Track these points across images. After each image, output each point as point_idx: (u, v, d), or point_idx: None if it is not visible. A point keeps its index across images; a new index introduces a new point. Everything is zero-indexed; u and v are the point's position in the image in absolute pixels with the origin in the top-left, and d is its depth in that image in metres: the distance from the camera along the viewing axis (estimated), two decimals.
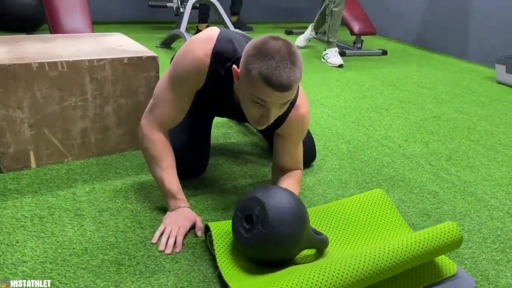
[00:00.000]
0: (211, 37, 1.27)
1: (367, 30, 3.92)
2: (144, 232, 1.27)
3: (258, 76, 1.07)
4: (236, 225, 1.13)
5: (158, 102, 1.33)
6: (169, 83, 1.31)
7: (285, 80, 1.07)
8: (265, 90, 1.08)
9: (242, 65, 1.13)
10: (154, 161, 1.32)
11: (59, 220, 1.29)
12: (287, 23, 5.33)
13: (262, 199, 1.09)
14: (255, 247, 1.08)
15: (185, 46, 1.30)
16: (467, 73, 3.55)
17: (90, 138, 1.65)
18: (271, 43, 1.08)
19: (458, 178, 1.73)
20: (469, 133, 2.22)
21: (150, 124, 1.33)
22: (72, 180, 1.52)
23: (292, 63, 1.08)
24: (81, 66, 1.54)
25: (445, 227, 1.11)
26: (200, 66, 1.25)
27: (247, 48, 1.13)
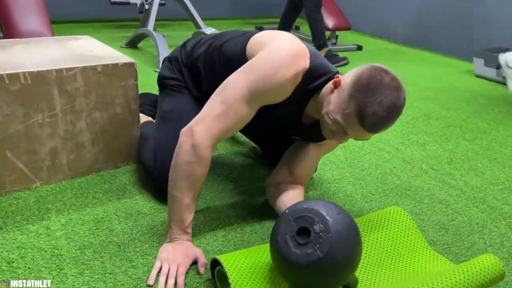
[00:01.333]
0: (304, 50, 1.15)
1: (342, 25, 3.82)
2: (136, 272, 1.09)
3: (357, 111, 1.03)
4: (283, 232, 0.95)
5: (229, 113, 1.10)
6: (248, 94, 1.10)
7: (379, 129, 1.06)
8: (354, 125, 1.05)
9: (349, 87, 1.05)
10: (190, 181, 1.11)
11: (32, 264, 1.09)
12: (256, 18, 5.17)
13: (327, 216, 0.93)
14: (303, 268, 0.92)
15: (276, 56, 1.12)
16: (445, 67, 3.52)
17: (61, 159, 1.43)
18: (390, 91, 1.02)
19: (464, 183, 1.64)
20: (463, 132, 2.14)
21: (210, 135, 1.10)
22: (44, 211, 1.30)
23: (394, 119, 1.05)
24: (48, 77, 1.33)
25: (487, 261, 0.99)
26: (293, 84, 1.12)
27: (363, 74, 1.05)
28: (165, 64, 1.51)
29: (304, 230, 0.94)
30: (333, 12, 3.86)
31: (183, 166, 1.11)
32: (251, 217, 1.34)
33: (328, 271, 0.92)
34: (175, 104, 1.43)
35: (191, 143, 1.10)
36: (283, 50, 1.13)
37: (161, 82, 1.49)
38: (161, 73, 1.49)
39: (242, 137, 1.90)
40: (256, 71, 1.12)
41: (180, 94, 1.43)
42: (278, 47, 1.14)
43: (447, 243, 1.28)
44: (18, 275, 1.05)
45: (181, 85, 1.44)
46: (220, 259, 1.01)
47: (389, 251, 1.17)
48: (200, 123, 1.11)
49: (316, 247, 0.91)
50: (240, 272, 0.99)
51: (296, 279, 0.96)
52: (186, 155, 1.10)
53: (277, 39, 1.19)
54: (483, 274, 0.96)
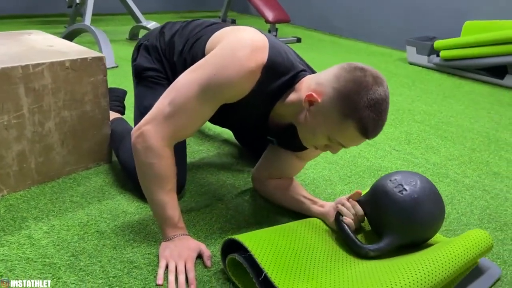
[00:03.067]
0: (262, 44, 1.05)
1: (281, 17, 3.89)
2: (142, 272, 1.04)
3: (358, 127, 0.99)
4: (384, 182, 1.13)
5: (179, 111, 1.04)
6: (200, 92, 1.03)
7: (379, 132, 1.03)
8: (356, 139, 1.02)
9: (336, 104, 0.99)
10: (158, 181, 1.07)
11: (24, 276, 1.00)
12: (191, 12, 5.09)
13: (422, 183, 1.11)
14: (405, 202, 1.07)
15: (230, 52, 1.03)
16: (379, 56, 3.72)
17: (30, 163, 1.32)
18: (379, 90, 0.98)
19: (426, 161, 1.76)
20: (412, 115, 2.30)
21: (161, 135, 1.05)
22: (20, 219, 1.20)
23: (387, 111, 1.02)
24: (13, 74, 1.21)
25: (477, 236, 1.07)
26: (249, 80, 1.03)
27: (346, 86, 0.98)
28: (142, 53, 1.37)
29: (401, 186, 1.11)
30: (273, 5, 3.92)
31: (144, 168, 1.08)
32: (242, 207, 1.34)
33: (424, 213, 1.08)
34: (156, 98, 1.35)
35: (144, 145, 1.06)
36: (239, 43, 1.04)
37: (139, 73, 1.37)
38: (138, 63, 1.37)
39: (213, 130, 1.88)
40: (208, 67, 1.04)
41: (160, 87, 1.32)
42: (234, 40, 1.07)
43: None
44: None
45: (161, 77, 1.34)
46: (239, 239, 0.99)
47: None
48: (148, 123, 1.06)
49: (415, 195, 1.08)
50: (264, 250, 0.99)
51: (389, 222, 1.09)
52: (142, 157, 1.07)
53: (237, 31, 1.13)
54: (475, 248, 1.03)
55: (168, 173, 1.08)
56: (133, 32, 3.58)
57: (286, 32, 4.36)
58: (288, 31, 4.43)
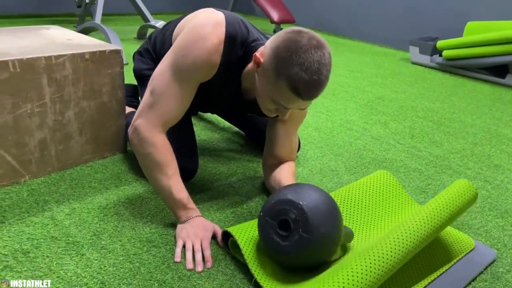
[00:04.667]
0: (220, 18, 1.12)
1: (286, 18, 3.96)
2: (160, 250, 1.10)
3: (288, 85, 0.99)
4: (267, 233, 1.01)
5: (160, 97, 1.12)
6: (173, 75, 1.11)
7: (316, 93, 1.02)
8: (292, 99, 1.02)
9: (271, 63, 1.01)
10: (159, 168, 1.14)
11: (50, 253, 1.06)
12: None
13: (297, 201, 0.98)
14: (296, 254, 0.98)
15: (192, 31, 1.10)
16: (382, 56, 3.78)
17: (50, 150, 1.38)
18: (312, 51, 0.97)
19: (429, 154, 1.82)
20: (415, 111, 2.35)
21: (151, 125, 1.12)
22: (42, 202, 1.26)
23: (326, 77, 1.01)
24: (36, 65, 1.27)
25: (460, 184, 1.14)
26: (215, 54, 1.10)
27: (279, 45, 1.00)
28: (137, 58, 1.53)
29: (283, 222, 0.99)
30: (277, 5, 3.99)
31: (143, 159, 1.15)
32: (253, 193, 1.40)
33: (321, 246, 0.98)
34: None
35: (137, 138, 1.13)
36: (198, 24, 1.12)
37: (139, 75, 1.50)
38: (136, 67, 1.50)
39: (220, 123, 1.94)
40: (176, 51, 1.12)
41: None
42: (194, 23, 1.14)
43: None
44: (38, 263, 1.01)
45: None
46: (230, 231, 1.08)
47: (380, 208, 1.29)
48: (139, 118, 1.14)
49: (300, 231, 0.96)
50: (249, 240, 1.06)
51: (301, 263, 1.01)
52: (140, 149, 1.14)
53: (195, 16, 1.22)
54: (460, 195, 1.09)
55: (166, 158, 1.14)
56: (141, 32, 3.64)
57: None
58: None
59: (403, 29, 4.04)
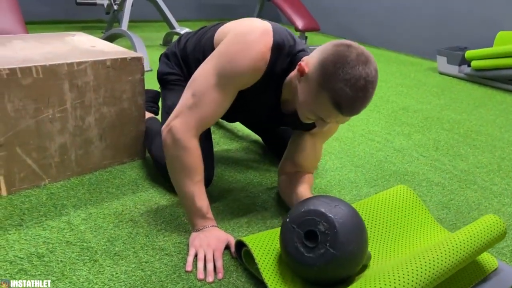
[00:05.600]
0: (267, 27, 1.11)
1: (311, 26, 3.94)
2: (172, 259, 1.10)
3: (331, 99, 0.98)
4: (291, 241, 0.99)
5: (201, 101, 1.10)
6: (217, 80, 1.10)
7: (358, 110, 1.00)
8: (332, 113, 1.01)
9: (316, 75, 1.00)
10: (186, 172, 1.13)
11: (64, 257, 1.07)
12: (222, 20, 5.20)
13: (329, 214, 0.96)
14: (319, 268, 0.95)
15: (239, 38, 1.10)
16: (409, 65, 3.71)
17: (70, 155, 1.41)
18: (359, 68, 0.95)
19: (453, 167, 1.76)
20: (441, 123, 2.29)
21: (187, 127, 1.11)
22: (60, 207, 1.28)
23: (371, 94, 0.99)
24: (59, 71, 1.30)
25: (489, 220, 1.09)
26: (261, 62, 1.09)
27: (327, 57, 0.98)
28: (163, 60, 1.52)
29: (311, 233, 0.96)
30: (303, 13, 3.98)
31: (173, 161, 1.14)
32: (269, 203, 1.38)
33: (346, 263, 0.95)
34: (178, 98, 1.43)
35: (172, 138, 1.12)
36: (246, 30, 1.11)
37: (162, 79, 1.49)
38: (160, 70, 1.50)
39: (239, 131, 1.94)
40: (222, 56, 1.11)
41: (181, 88, 1.40)
42: (241, 28, 1.14)
43: (452, 220, 1.38)
44: (52, 268, 1.03)
45: (180, 79, 1.44)
46: (245, 241, 1.05)
47: (399, 226, 1.25)
48: (176, 117, 1.12)
49: (327, 246, 0.93)
50: (264, 251, 1.04)
51: (320, 279, 0.99)
52: (172, 150, 1.13)
53: (241, 22, 1.20)
54: (487, 231, 1.04)
55: (195, 164, 1.13)
56: (167, 38, 3.69)
57: (315, 40, 4.40)
58: (317, 40, 4.47)
59: (431, 38, 3.96)
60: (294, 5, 4.03)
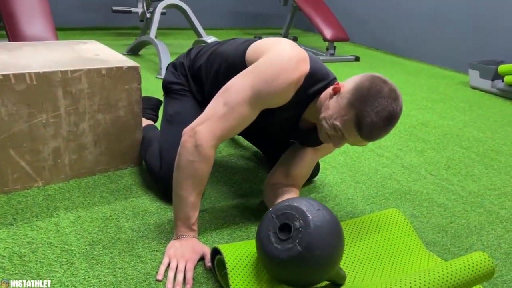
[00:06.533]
0: (304, 55, 1.17)
1: (339, 36, 3.89)
2: (145, 267, 1.11)
3: (355, 119, 1.05)
4: (266, 229, 0.98)
5: (233, 112, 1.12)
6: (250, 96, 1.12)
7: (375, 137, 1.08)
8: (351, 132, 1.07)
9: (349, 94, 1.07)
10: (194, 180, 1.14)
11: (43, 258, 1.11)
12: (255, 29, 5.24)
13: (307, 213, 0.96)
14: (284, 262, 0.94)
15: (278, 61, 1.13)
16: (440, 78, 3.59)
17: (64, 159, 1.45)
18: (388, 101, 1.03)
19: (462, 188, 1.68)
20: (460, 140, 2.19)
21: (212, 135, 1.12)
22: (53, 208, 1.33)
23: (391, 128, 1.07)
24: (53, 78, 1.35)
25: (476, 258, 1.02)
26: (294, 88, 1.14)
27: (364, 82, 1.06)
28: (170, 69, 1.55)
29: (286, 226, 0.97)
30: (332, 23, 3.94)
31: (186, 165, 1.14)
32: (255, 217, 1.37)
33: (308, 265, 0.94)
34: (180, 108, 1.46)
35: (194, 143, 1.12)
36: (285, 54, 1.15)
37: (166, 87, 1.53)
38: (166, 78, 1.53)
39: (244, 142, 1.94)
40: (259, 75, 1.13)
41: (184, 98, 1.46)
42: (280, 52, 1.16)
43: (446, 244, 1.32)
44: (30, 268, 1.07)
45: (185, 89, 1.48)
46: (220, 248, 1.05)
47: (384, 250, 1.21)
48: (203, 123, 1.13)
49: (296, 242, 0.93)
50: (237, 259, 1.03)
51: (278, 274, 0.98)
52: (189, 155, 1.13)
53: (278, 44, 1.21)
54: (471, 269, 0.97)
55: (204, 175, 1.15)
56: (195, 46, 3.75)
57: (345, 50, 4.34)
58: (347, 49, 4.41)
59: (467, 50, 3.80)
60: (323, 15, 4.00)
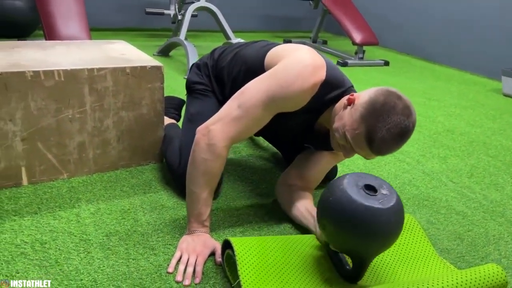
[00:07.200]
0: (321, 63, 1.18)
1: (369, 40, 3.86)
2: (158, 259, 1.15)
3: (366, 134, 1.06)
4: (351, 183, 0.99)
5: (246, 116, 1.15)
6: (265, 100, 1.14)
7: (385, 153, 1.08)
8: (362, 146, 1.08)
9: (363, 107, 1.08)
10: (206, 177, 1.17)
11: (63, 246, 1.16)
12: (285, 32, 5.26)
13: (392, 189, 1.02)
14: (361, 213, 0.95)
15: (296, 67, 1.15)
16: (472, 85, 3.50)
17: (88, 153, 1.52)
18: (401, 118, 1.04)
19: (484, 197, 1.64)
20: (486, 148, 2.14)
21: (226, 136, 1.15)
22: (75, 200, 1.39)
23: (402, 145, 1.08)
24: (79, 75, 1.41)
25: (489, 270, 1.00)
26: (309, 94, 1.16)
27: (378, 97, 1.07)
28: (193, 70, 1.59)
29: (371, 187, 1.01)
30: (361, 26, 3.91)
31: (199, 163, 1.17)
32: (269, 217, 1.39)
33: (383, 226, 0.96)
34: (201, 107, 1.50)
35: (207, 142, 1.15)
36: (302, 61, 1.16)
37: (189, 87, 1.57)
38: (189, 78, 1.57)
39: (264, 142, 1.96)
40: (275, 80, 1.15)
41: (206, 98, 1.50)
42: (298, 58, 1.18)
43: (461, 252, 1.30)
44: (49, 255, 1.12)
45: (207, 90, 1.51)
46: (229, 240, 1.07)
47: (395, 255, 1.20)
48: (216, 123, 1.16)
49: (380, 201, 0.97)
50: (246, 249, 1.05)
51: (351, 228, 0.98)
52: (202, 153, 1.16)
53: (297, 51, 1.23)
54: (483, 280, 0.96)
55: (217, 173, 1.19)
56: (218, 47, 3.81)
57: (374, 54, 4.30)
58: (377, 54, 4.36)
59: (500, 57, 3.69)
60: (353, 19, 3.98)
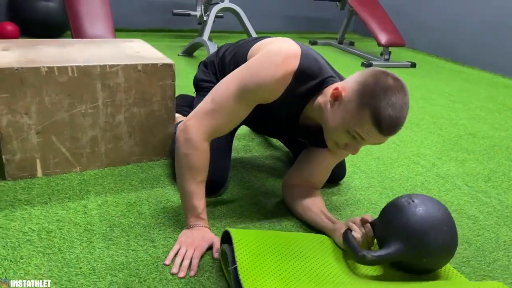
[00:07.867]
0: (295, 51, 1.18)
1: (395, 41, 3.79)
2: (156, 251, 1.17)
3: (372, 117, 1.05)
4: (398, 200, 1.12)
5: (219, 109, 1.17)
6: (237, 92, 1.16)
7: (395, 131, 1.07)
8: (371, 131, 1.07)
9: (356, 94, 1.08)
10: (191, 171, 1.20)
11: (67, 235, 1.21)
12: (311, 33, 5.23)
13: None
14: (413, 218, 1.05)
15: (266, 57, 1.17)
16: (502, 88, 3.38)
17: (100, 147, 1.56)
18: (397, 91, 1.04)
19: (499, 202, 1.59)
20: (509, 153, 2.06)
21: (201, 129, 1.18)
22: (85, 192, 1.43)
23: (405, 118, 1.08)
24: (92, 71, 1.46)
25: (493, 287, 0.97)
26: (280, 84, 1.15)
27: (367, 79, 1.07)
28: (201, 68, 1.61)
29: None
30: (387, 27, 3.84)
31: (182, 158, 1.20)
32: (272, 215, 1.39)
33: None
34: None
35: (185, 137, 1.18)
36: (275, 51, 1.17)
37: (197, 84, 1.59)
38: (196, 76, 1.59)
39: (277, 142, 1.96)
40: (247, 71, 1.18)
41: None
42: (271, 49, 1.19)
43: (467, 256, 1.26)
44: (53, 243, 1.17)
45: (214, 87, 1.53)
46: (230, 232, 1.08)
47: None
48: (192, 118, 1.19)
49: None
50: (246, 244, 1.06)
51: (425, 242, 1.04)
52: (183, 148, 1.19)
53: (273, 42, 1.24)
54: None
55: (201, 165, 1.20)
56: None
57: (401, 56, 4.21)
58: (404, 55, 4.27)
59: None
60: (379, 20, 3.91)
